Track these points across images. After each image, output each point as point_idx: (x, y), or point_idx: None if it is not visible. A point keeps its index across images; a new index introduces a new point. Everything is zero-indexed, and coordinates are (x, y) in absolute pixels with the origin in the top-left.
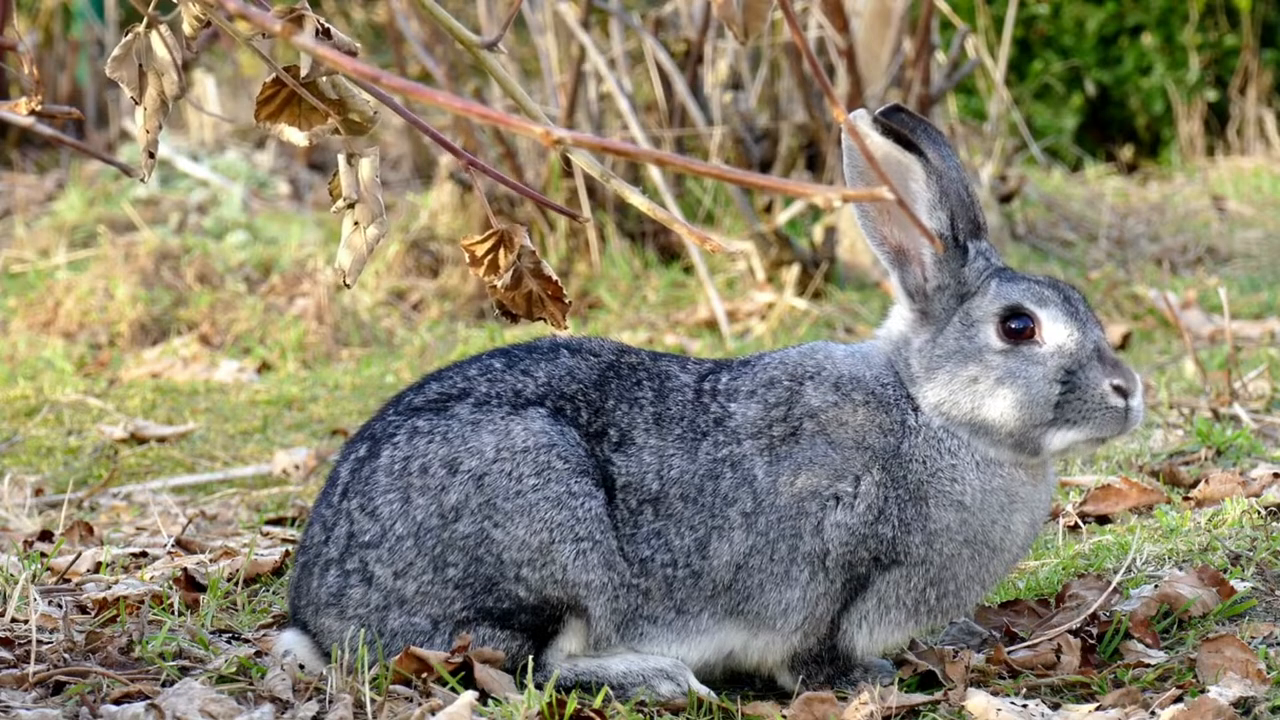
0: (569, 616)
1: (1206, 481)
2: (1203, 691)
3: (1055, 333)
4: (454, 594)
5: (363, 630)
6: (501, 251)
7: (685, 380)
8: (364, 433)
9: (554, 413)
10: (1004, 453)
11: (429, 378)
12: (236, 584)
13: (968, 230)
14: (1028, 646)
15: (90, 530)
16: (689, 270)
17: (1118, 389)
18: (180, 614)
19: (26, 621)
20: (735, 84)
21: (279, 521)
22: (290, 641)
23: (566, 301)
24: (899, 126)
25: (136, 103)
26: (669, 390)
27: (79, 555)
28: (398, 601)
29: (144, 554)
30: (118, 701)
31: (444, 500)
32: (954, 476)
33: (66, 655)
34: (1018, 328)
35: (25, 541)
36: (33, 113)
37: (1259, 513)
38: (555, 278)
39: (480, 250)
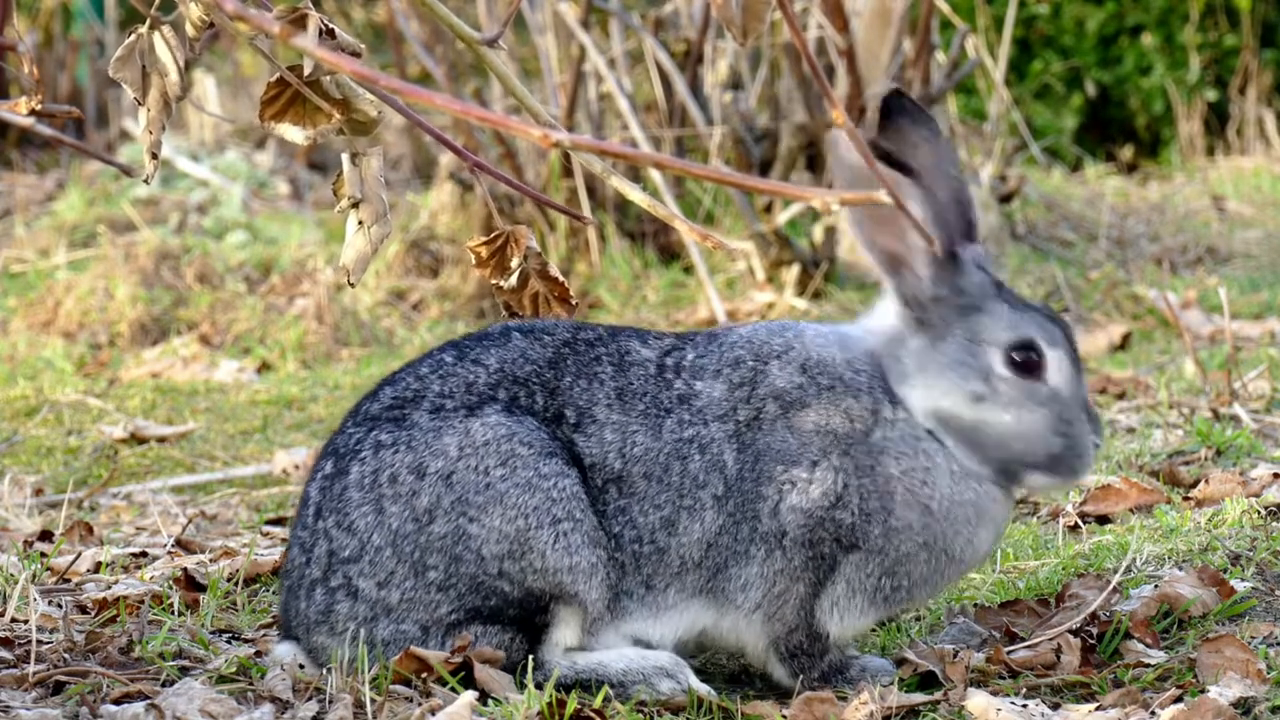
0: (556, 605)
1: (1206, 481)
2: (1203, 691)
3: (1057, 376)
4: (438, 597)
5: (361, 646)
6: (507, 253)
7: (646, 355)
8: (327, 449)
9: (508, 406)
10: (984, 470)
11: (383, 382)
12: (236, 584)
13: (960, 236)
14: (1028, 646)
15: (90, 530)
16: (689, 270)
17: (1095, 447)
18: (180, 614)
19: (26, 621)
20: (735, 84)
21: (279, 521)
22: (287, 653)
23: (573, 302)
24: (897, 127)
25: (140, 103)
26: (629, 365)
27: (79, 555)
28: (384, 611)
29: (144, 554)
30: (118, 701)
31: (416, 504)
32: (925, 479)
33: (66, 655)
34: (1024, 361)
35: (25, 541)
36: (33, 113)
37: (1259, 513)
38: (561, 278)
39: (485, 252)
